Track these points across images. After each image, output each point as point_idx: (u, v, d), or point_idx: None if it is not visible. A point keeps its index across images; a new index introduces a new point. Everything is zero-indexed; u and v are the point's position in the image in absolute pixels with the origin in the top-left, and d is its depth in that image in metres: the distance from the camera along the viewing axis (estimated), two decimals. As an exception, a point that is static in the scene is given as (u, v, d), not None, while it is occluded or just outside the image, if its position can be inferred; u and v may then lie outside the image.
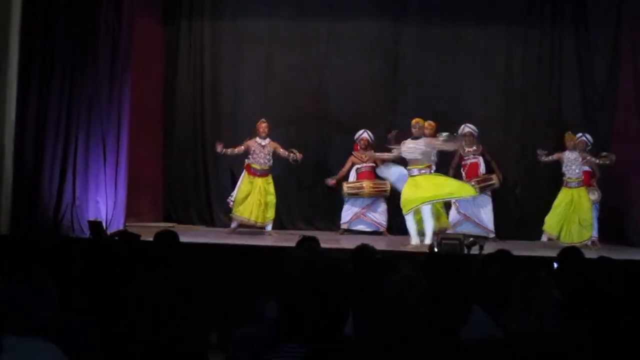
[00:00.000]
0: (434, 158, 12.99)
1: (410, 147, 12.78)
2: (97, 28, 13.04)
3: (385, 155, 13.33)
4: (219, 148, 13.68)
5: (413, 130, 12.89)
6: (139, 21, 13.85)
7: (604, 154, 13.25)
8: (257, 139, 13.72)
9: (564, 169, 13.34)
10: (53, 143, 12.92)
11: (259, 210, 13.61)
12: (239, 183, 13.83)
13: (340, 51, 15.30)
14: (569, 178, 13.29)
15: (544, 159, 13.39)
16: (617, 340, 4.45)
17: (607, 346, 4.34)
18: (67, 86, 12.99)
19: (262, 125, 13.75)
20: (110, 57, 13.13)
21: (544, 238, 13.40)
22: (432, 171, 12.88)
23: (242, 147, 13.69)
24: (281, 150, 13.71)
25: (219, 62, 15.60)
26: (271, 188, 13.76)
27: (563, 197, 13.34)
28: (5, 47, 12.70)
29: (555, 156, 13.38)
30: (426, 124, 13.35)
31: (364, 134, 14.31)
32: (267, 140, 13.75)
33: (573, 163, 13.27)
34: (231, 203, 13.82)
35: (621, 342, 4.42)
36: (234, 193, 13.83)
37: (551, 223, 13.34)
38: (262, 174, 13.68)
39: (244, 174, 13.79)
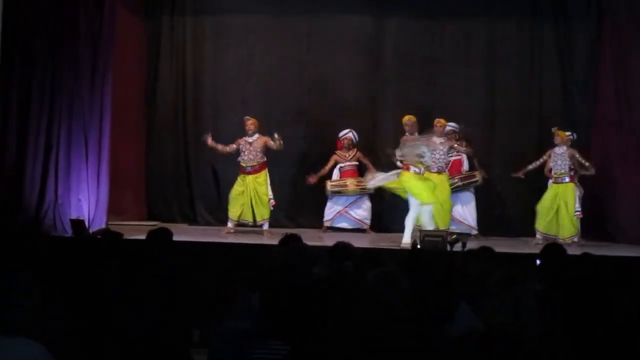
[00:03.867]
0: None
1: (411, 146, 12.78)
2: (78, 25, 12.99)
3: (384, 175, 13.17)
4: (209, 140, 13.58)
5: (406, 127, 12.93)
6: (121, 17, 13.78)
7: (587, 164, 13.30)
8: (245, 137, 13.65)
9: (551, 164, 13.35)
10: (35, 141, 12.86)
11: (249, 210, 13.56)
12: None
13: (321, 47, 15.27)
14: (556, 173, 13.30)
15: (530, 168, 13.43)
16: (595, 334, 4.49)
17: (586, 339, 4.38)
18: (49, 84, 12.94)
19: (247, 123, 13.61)
20: (91, 53, 13.07)
21: (538, 236, 13.38)
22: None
23: (234, 145, 13.60)
24: (271, 142, 13.61)
25: (200, 58, 15.55)
26: (263, 187, 13.61)
27: (549, 192, 13.37)
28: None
29: (542, 159, 13.39)
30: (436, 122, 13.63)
31: (349, 134, 14.30)
32: (256, 136, 13.62)
33: (559, 158, 13.29)
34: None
35: (600, 336, 4.46)
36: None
37: (543, 221, 13.34)
38: (252, 171, 13.56)
39: (239, 173, 13.75)
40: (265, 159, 13.68)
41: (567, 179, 13.27)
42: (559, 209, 13.22)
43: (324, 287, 4.22)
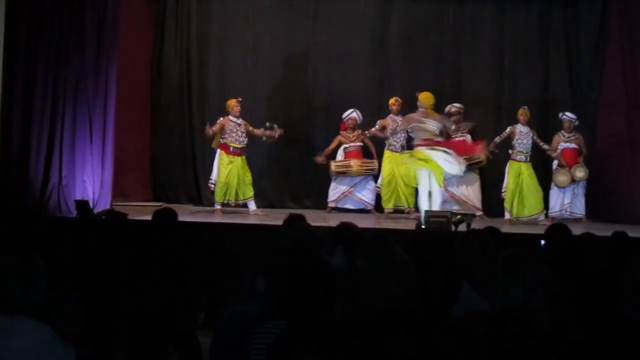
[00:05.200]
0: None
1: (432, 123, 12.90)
2: (83, 6, 12.97)
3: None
4: (210, 131, 13.58)
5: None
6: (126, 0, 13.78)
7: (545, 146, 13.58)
8: (231, 117, 13.60)
9: (514, 142, 13.47)
10: (39, 122, 12.85)
11: (239, 189, 13.57)
12: (216, 165, 13.71)
13: (327, 29, 15.23)
14: (518, 152, 13.45)
15: (498, 141, 13.50)
16: (600, 316, 4.49)
17: (589, 322, 4.38)
18: (53, 65, 12.92)
19: (239, 104, 13.62)
20: (96, 35, 13.05)
21: (507, 215, 13.55)
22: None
23: (217, 125, 13.58)
24: (250, 128, 13.64)
25: (205, 40, 15.54)
26: (246, 166, 13.69)
27: (511, 171, 13.56)
28: (-9, 26, 12.65)
29: (507, 130, 13.52)
30: (393, 99, 13.88)
31: (353, 114, 14.25)
32: (240, 119, 13.67)
33: (525, 137, 13.44)
34: (213, 186, 13.77)
35: (602, 318, 4.46)
36: (214, 176, 13.75)
37: (508, 199, 13.58)
38: (241, 152, 13.60)
39: (221, 154, 13.64)
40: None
41: (527, 158, 13.51)
42: (521, 189, 13.33)
43: (329, 270, 4.20)
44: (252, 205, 13.68)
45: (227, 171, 13.50)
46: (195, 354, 5.75)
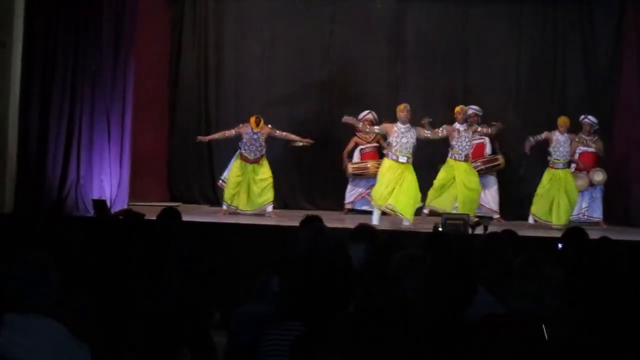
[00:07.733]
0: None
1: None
2: (100, 5, 13.01)
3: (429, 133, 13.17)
4: (204, 139, 13.70)
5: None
6: (143, -1, 13.81)
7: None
8: (249, 128, 13.53)
9: (551, 149, 13.31)
10: (57, 121, 12.89)
11: (248, 200, 13.50)
12: (231, 165, 13.70)
13: (344, 30, 15.23)
14: (555, 159, 13.28)
15: (532, 141, 13.36)
16: (617, 321, 4.46)
17: (608, 326, 4.36)
18: (71, 64, 12.95)
19: (257, 120, 13.52)
20: (114, 34, 13.09)
21: (531, 220, 13.39)
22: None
23: (233, 131, 13.54)
24: (277, 132, 13.58)
25: (222, 40, 15.54)
26: (263, 173, 13.55)
27: (549, 178, 13.33)
28: (10, 25, 12.65)
29: (544, 135, 13.35)
30: (458, 108, 13.49)
31: (369, 115, 14.21)
32: (262, 131, 13.56)
33: (562, 145, 13.25)
34: (223, 184, 13.73)
35: (621, 323, 4.43)
36: (225, 174, 13.73)
37: (539, 206, 13.32)
38: (254, 161, 13.52)
39: (238, 156, 13.63)
40: (266, 148, 13.62)
41: (566, 166, 13.31)
42: (556, 196, 13.16)
43: (344, 270, 4.20)
44: (268, 208, 13.63)
45: (237, 176, 13.50)
46: (210, 353, 5.74)
